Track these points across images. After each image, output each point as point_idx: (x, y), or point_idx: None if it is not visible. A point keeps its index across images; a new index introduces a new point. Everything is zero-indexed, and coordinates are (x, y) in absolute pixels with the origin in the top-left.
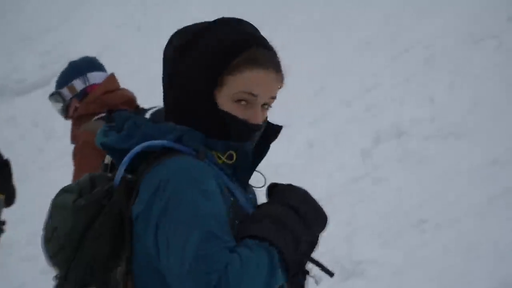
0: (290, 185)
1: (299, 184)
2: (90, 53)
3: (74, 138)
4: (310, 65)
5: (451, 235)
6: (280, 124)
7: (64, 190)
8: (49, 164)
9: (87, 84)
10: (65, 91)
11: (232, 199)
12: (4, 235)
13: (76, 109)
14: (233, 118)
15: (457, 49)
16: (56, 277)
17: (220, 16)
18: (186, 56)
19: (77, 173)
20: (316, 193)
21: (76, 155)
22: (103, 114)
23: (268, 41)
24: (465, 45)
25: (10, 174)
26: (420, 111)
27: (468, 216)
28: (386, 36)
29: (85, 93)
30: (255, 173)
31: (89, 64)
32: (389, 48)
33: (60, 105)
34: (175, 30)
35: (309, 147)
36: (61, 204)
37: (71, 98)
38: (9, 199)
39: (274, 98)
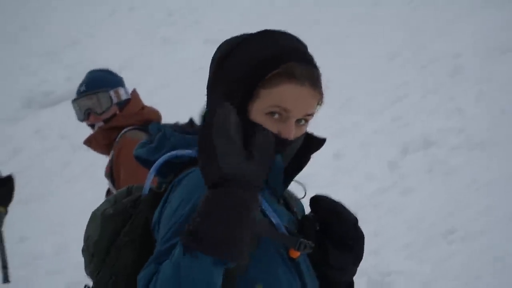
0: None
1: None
2: (115, 66)
3: (96, 144)
4: (338, 76)
5: (478, 246)
6: (323, 137)
7: (105, 200)
8: (75, 177)
9: (128, 97)
10: (112, 94)
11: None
12: (31, 248)
13: (114, 115)
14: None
15: (484, 60)
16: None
17: (248, 31)
18: (224, 68)
19: (125, 184)
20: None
21: (127, 165)
22: (135, 126)
23: (312, 56)
24: (492, 55)
25: (12, 190)
26: (447, 122)
27: (496, 227)
28: (413, 47)
29: (125, 104)
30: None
31: (113, 79)
32: (416, 60)
33: (104, 105)
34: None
35: (336, 158)
36: (94, 213)
37: (114, 104)
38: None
39: (311, 115)
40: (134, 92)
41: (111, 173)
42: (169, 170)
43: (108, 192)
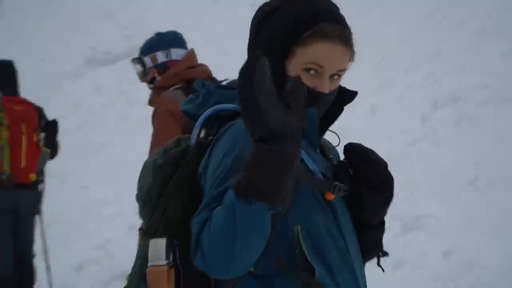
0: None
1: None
2: (170, 25)
3: (152, 103)
4: (374, 36)
5: (502, 192)
6: (355, 90)
7: (155, 151)
8: (132, 130)
9: (168, 59)
10: (147, 59)
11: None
12: (93, 195)
13: (154, 78)
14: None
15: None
16: (139, 229)
17: None
18: (264, 28)
19: (157, 138)
20: (380, 155)
21: (157, 121)
22: (179, 85)
23: (343, 17)
24: None
25: (56, 132)
26: (475, 78)
27: None
28: (445, 9)
29: (166, 66)
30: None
31: (173, 40)
32: (447, 21)
33: (140, 69)
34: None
35: (373, 112)
36: (146, 164)
37: (150, 67)
38: (53, 154)
39: (343, 70)
40: (188, 53)
41: None
42: (214, 123)
43: None
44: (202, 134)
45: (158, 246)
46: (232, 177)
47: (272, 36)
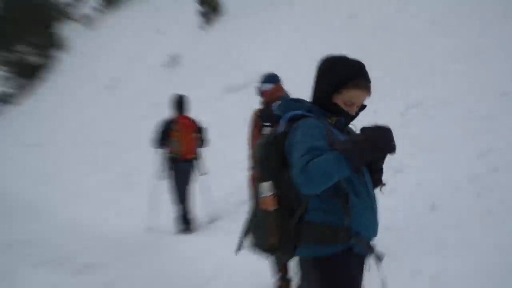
0: (375, 126)
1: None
2: (269, 66)
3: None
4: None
5: None
6: (365, 104)
7: (263, 137)
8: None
9: (261, 89)
10: (258, 87)
11: (342, 135)
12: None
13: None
14: (342, 109)
15: None
16: (253, 177)
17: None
18: (325, 75)
19: (248, 129)
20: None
21: (250, 120)
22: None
23: (368, 73)
24: None
25: (205, 133)
26: None
27: None
28: None
29: (260, 93)
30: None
31: (264, 79)
32: None
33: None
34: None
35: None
36: (259, 142)
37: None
38: (203, 145)
39: (363, 104)
40: (274, 87)
41: None
42: (289, 121)
43: None
44: (285, 126)
45: (266, 186)
46: (309, 142)
47: (331, 81)
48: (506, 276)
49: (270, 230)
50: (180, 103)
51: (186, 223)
